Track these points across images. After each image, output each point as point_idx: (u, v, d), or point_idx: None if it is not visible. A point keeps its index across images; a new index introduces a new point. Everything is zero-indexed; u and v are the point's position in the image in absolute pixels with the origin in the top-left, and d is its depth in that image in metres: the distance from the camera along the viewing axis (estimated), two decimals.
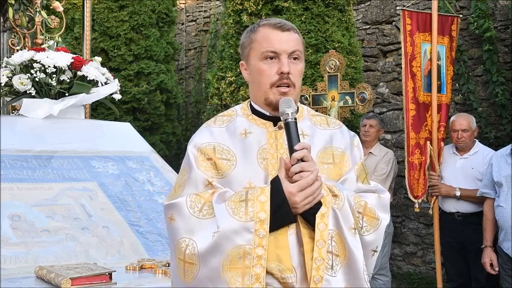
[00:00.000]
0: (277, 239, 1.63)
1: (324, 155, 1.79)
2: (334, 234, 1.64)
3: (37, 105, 3.36)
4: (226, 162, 1.73)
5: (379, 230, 1.78)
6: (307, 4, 5.37)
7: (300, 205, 1.60)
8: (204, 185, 1.71)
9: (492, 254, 4.05)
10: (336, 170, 1.78)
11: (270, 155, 1.74)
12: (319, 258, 1.61)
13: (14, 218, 2.60)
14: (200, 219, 1.64)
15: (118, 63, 7.61)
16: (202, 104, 8.80)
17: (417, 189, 4.48)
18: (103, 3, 7.63)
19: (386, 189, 5.36)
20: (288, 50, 1.74)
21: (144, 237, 2.75)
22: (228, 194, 1.67)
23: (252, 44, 1.79)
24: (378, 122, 5.14)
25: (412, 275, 6.25)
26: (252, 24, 1.86)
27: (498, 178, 3.96)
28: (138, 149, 3.49)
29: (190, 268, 1.63)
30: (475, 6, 5.71)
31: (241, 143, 1.77)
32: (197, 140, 1.80)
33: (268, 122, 1.80)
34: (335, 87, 4.91)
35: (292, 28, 1.79)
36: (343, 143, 1.84)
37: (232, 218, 1.60)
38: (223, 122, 1.84)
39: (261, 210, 1.60)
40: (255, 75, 1.79)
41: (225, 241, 1.58)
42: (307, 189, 1.59)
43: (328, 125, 1.87)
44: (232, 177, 1.71)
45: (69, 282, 2.09)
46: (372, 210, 1.76)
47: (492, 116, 5.75)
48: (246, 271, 1.57)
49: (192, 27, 9.47)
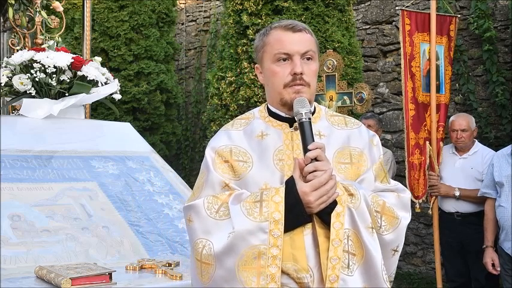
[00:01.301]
0: (293, 239, 1.64)
1: (341, 155, 1.80)
2: (351, 233, 1.65)
3: (37, 105, 3.36)
4: (243, 164, 1.75)
5: (399, 229, 1.77)
6: (307, 4, 5.38)
7: (315, 204, 1.61)
8: (221, 187, 1.73)
9: (493, 254, 4.06)
10: (353, 169, 1.79)
11: (286, 156, 1.76)
12: (334, 257, 1.61)
13: (14, 218, 2.60)
14: (217, 220, 1.66)
15: (118, 63, 7.61)
16: (202, 104, 8.80)
17: (417, 190, 4.48)
18: (103, 3, 7.63)
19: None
20: (301, 51, 1.76)
21: (144, 237, 2.75)
22: (244, 195, 1.69)
23: (264, 47, 1.81)
24: (376, 121, 5.14)
25: (412, 275, 6.26)
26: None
27: (499, 178, 3.97)
28: (138, 149, 3.49)
29: (206, 268, 1.65)
30: (475, 6, 5.71)
31: (258, 144, 1.79)
32: (214, 143, 1.82)
33: (285, 124, 1.82)
34: (333, 87, 4.91)
35: (304, 29, 1.80)
36: (361, 142, 1.84)
37: (246, 219, 1.61)
38: (241, 125, 1.87)
39: (275, 210, 1.61)
40: (269, 77, 1.81)
41: (240, 241, 1.60)
42: (321, 188, 1.60)
43: (346, 124, 1.88)
44: (248, 179, 1.73)
45: (69, 282, 2.09)
46: (391, 209, 1.75)
47: (492, 116, 5.75)
48: (261, 271, 1.59)
49: (192, 27, 9.47)
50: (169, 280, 2.29)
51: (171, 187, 3.18)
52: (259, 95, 5.29)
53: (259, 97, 5.29)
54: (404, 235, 1.84)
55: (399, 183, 1.90)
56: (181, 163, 9.07)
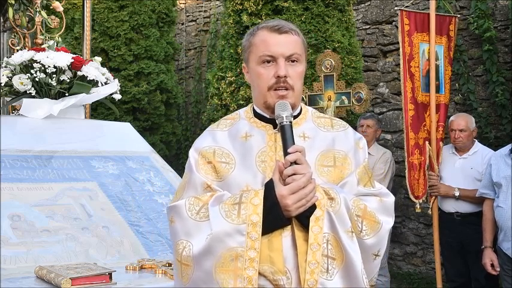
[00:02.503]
0: (271, 241, 1.63)
1: (325, 158, 1.78)
2: (330, 237, 1.64)
3: (37, 105, 3.36)
4: (225, 165, 1.75)
5: (381, 234, 1.76)
6: (307, 4, 5.38)
7: (292, 208, 1.60)
8: (203, 188, 1.73)
9: (492, 254, 4.05)
10: (336, 173, 1.77)
11: (268, 157, 1.75)
12: (313, 261, 1.60)
13: (14, 218, 2.60)
14: (197, 222, 1.66)
15: (118, 63, 7.61)
16: (202, 104, 8.80)
17: (418, 190, 4.49)
18: (103, 3, 7.63)
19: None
20: (285, 53, 1.74)
21: (144, 237, 2.76)
22: (224, 196, 1.68)
23: (251, 47, 1.80)
24: (375, 122, 5.15)
25: (412, 275, 6.26)
26: (252, 26, 1.87)
27: (497, 179, 3.96)
28: (138, 149, 3.50)
29: (186, 270, 1.65)
30: (475, 6, 5.71)
31: (241, 146, 1.78)
32: (198, 144, 1.82)
33: (268, 125, 1.81)
34: (331, 87, 4.92)
35: (291, 30, 1.77)
36: (346, 145, 1.83)
37: (224, 221, 1.61)
38: (226, 125, 1.86)
39: (253, 213, 1.61)
40: (254, 78, 1.80)
41: (218, 243, 1.60)
42: (299, 192, 1.59)
43: (332, 127, 1.87)
44: (230, 180, 1.73)
45: (69, 282, 2.09)
46: (372, 213, 1.74)
47: (492, 116, 5.75)
48: (238, 273, 1.58)
49: (192, 27, 9.47)
50: (169, 280, 2.29)
51: (171, 187, 3.19)
52: None
53: None
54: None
55: (383, 187, 1.88)
56: (181, 163, 9.07)
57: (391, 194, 1.87)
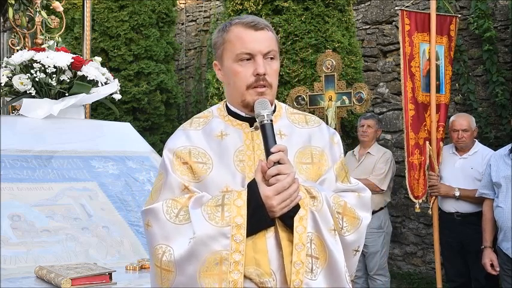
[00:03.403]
0: (255, 242, 1.60)
1: (303, 155, 1.75)
2: (314, 236, 1.62)
3: (37, 105, 3.36)
4: (202, 165, 1.69)
5: (360, 230, 1.74)
6: (307, 4, 5.38)
7: (277, 208, 1.57)
8: (180, 190, 1.67)
9: (492, 254, 4.05)
10: (314, 169, 1.75)
11: (246, 156, 1.71)
12: (298, 262, 1.58)
13: (14, 218, 2.60)
14: (177, 225, 1.60)
15: (118, 63, 7.61)
16: (202, 104, 8.80)
17: (417, 190, 4.49)
18: (103, 3, 7.63)
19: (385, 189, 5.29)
20: (263, 51, 1.69)
21: (144, 237, 2.74)
22: (204, 198, 1.63)
23: (224, 44, 1.73)
24: (375, 122, 5.15)
25: (412, 275, 6.26)
26: (224, 23, 1.81)
27: (497, 179, 3.96)
28: (138, 149, 3.50)
29: (167, 275, 1.60)
30: (475, 6, 5.71)
31: (217, 145, 1.73)
32: (172, 144, 1.75)
33: (245, 123, 1.76)
34: (332, 87, 4.92)
35: (266, 26, 1.73)
36: (321, 141, 1.80)
37: (208, 224, 1.56)
38: (200, 124, 1.80)
39: (237, 215, 1.57)
40: (230, 76, 1.74)
41: (201, 247, 1.55)
42: (283, 192, 1.56)
43: (306, 123, 1.83)
44: (208, 181, 1.67)
45: (69, 282, 2.09)
46: (352, 209, 1.72)
47: (492, 116, 5.75)
48: (223, 277, 1.54)
49: (192, 27, 9.47)
50: None
51: None
52: None
53: None
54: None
55: (360, 183, 1.86)
56: None
57: (367, 189, 1.85)
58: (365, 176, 4.87)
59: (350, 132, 5.51)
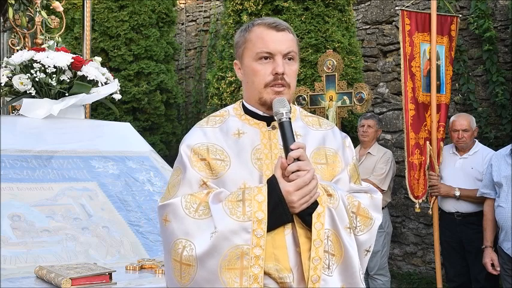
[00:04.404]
0: (274, 238, 1.62)
1: (317, 156, 1.79)
2: (330, 233, 1.64)
3: (37, 105, 3.36)
4: (220, 162, 1.72)
5: (372, 230, 1.79)
6: (307, 4, 5.38)
7: (297, 204, 1.60)
8: (198, 185, 1.70)
9: (493, 254, 4.06)
10: (329, 170, 1.78)
11: (263, 155, 1.74)
12: (316, 257, 1.61)
13: (14, 218, 2.60)
14: (196, 220, 1.62)
15: (118, 63, 7.61)
16: (202, 104, 8.80)
17: (417, 190, 4.49)
18: (103, 3, 7.63)
19: (386, 189, 5.28)
20: (283, 51, 1.74)
21: (144, 237, 2.75)
22: (223, 194, 1.66)
23: (246, 43, 1.78)
24: (375, 122, 5.15)
25: (412, 275, 6.26)
26: (246, 23, 1.85)
27: (498, 178, 3.97)
28: (138, 149, 3.49)
29: (187, 269, 1.61)
30: (474, 6, 5.71)
31: (234, 143, 1.76)
32: (190, 141, 1.78)
33: (262, 122, 1.80)
34: (333, 87, 4.92)
35: (287, 28, 1.78)
36: (335, 143, 1.85)
37: (229, 218, 1.59)
38: (216, 122, 1.83)
39: (258, 210, 1.59)
40: (249, 75, 1.78)
41: (223, 241, 1.57)
42: (304, 188, 1.59)
43: (320, 125, 1.88)
44: (226, 178, 1.70)
45: (69, 282, 2.09)
46: (366, 210, 1.77)
47: (492, 116, 5.75)
48: (244, 271, 1.57)
49: (192, 27, 9.47)
50: None
51: None
52: None
53: None
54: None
55: (371, 185, 1.90)
56: None
57: (378, 191, 1.89)
58: (365, 176, 4.87)
59: (350, 132, 5.52)
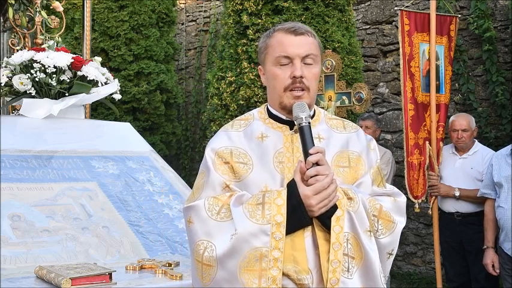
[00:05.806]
0: (293, 241, 1.65)
1: (340, 159, 1.81)
2: (350, 236, 1.67)
3: (37, 105, 3.36)
4: (243, 166, 1.76)
5: (395, 233, 1.81)
6: (307, 4, 5.38)
7: (316, 208, 1.62)
8: (221, 188, 1.74)
9: (494, 255, 4.06)
10: (351, 173, 1.81)
11: (286, 158, 1.77)
12: (335, 260, 1.63)
13: (14, 218, 2.60)
14: (218, 222, 1.67)
15: (118, 63, 7.61)
16: (202, 104, 8.80)
17: (417, 190, 4.49)
18: (103, 3, 7.63)
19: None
20: (301, 54, 1.76)
21: (144, 237, 2.75)
22: (245, 197, 1.70)
23: (267, 49, 1.83)
24: (373, 122, 5.14)
25: (412, 275, 6.26)
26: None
27: (498, 179, 3.97)
28: (138, 149, 3.49)
29: (208, 270, 1.66)
30: (474, 6, 5.71)
31: (257, 146, 1.80)
32: (215, 144, 1.83)
33: (285, 126, 1.83)
34: (332, 87, 4.92)
35: (307, 32, 1.81)
36: (359, 146, 1.86)
37: (249, 221, 1.63)
38: (241, 126, 1.88)
39: (277, 213, 1.63)
40: (270, 80, 1.82)
41: (243, 243, 1.61)
42: (322, 192, 1.61)
43: (344, 128, 1.90)
44: (249, 181, 1.74)
45: (69, 282, 2.09)
46: (388, 213, 1.78)
47: (492, 116, 5.75)
48: (263, 273, 1.60)
49: (192, 27, 9.47)
50: (169, 280, 2.29)
51: (171, 187, 3.19)
52: (259, 95, 5.29)
53: (259, 97, 5.29)
54: (400, 238, 1.87)
55: (395, 188, 1.92)
56: (181, 163, 9.07)
57: (402, 194, 1.91)
58: None
59: None
